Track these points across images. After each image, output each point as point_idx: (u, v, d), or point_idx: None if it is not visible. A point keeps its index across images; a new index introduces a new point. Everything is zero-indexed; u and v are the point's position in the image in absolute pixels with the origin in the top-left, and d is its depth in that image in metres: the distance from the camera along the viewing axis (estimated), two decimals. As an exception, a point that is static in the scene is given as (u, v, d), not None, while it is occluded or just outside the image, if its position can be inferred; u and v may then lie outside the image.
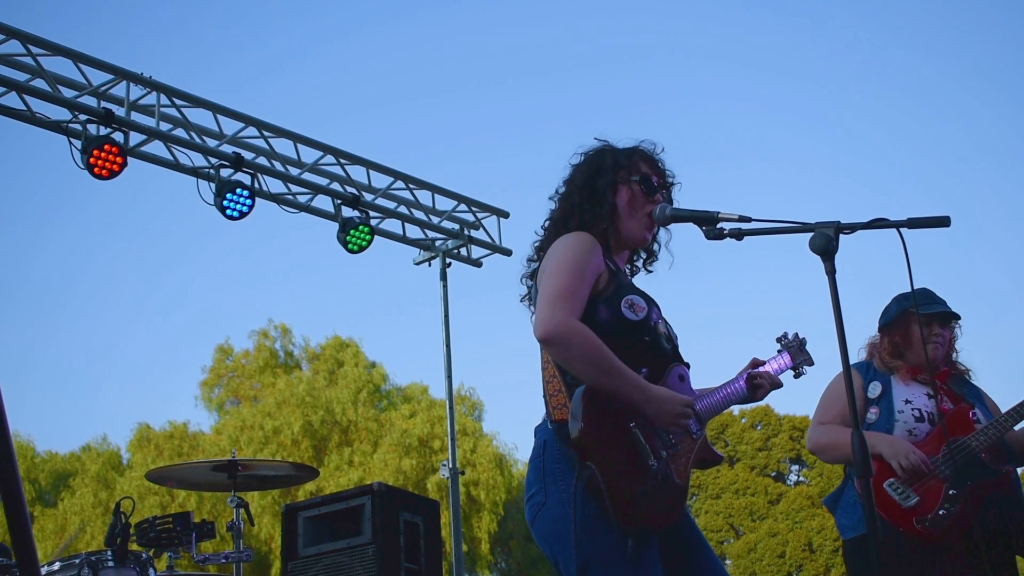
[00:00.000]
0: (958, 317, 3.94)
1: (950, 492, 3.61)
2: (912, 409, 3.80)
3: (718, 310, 44.27)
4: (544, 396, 2.71)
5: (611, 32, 41.90)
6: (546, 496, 2.57)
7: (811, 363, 3.03)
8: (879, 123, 43.17)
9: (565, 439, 2.52)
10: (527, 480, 2.69)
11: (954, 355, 4.02)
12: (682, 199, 2.95)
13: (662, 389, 2.61)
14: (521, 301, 2.95)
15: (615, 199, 2.83)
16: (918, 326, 3.85)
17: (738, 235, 2.60)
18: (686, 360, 2.81)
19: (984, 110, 43.38)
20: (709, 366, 2.94)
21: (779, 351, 3.03)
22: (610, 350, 2.54)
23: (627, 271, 2.95)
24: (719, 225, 2.63)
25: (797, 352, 3.02)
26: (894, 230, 2.50)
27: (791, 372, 3.00)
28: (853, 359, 3.94)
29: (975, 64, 43.35)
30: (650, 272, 3.02)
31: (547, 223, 2.94)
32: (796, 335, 3.06)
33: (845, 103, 43.21)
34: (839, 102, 43.63)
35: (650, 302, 2.76)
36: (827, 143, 43.87)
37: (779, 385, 2.92)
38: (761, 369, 2.92)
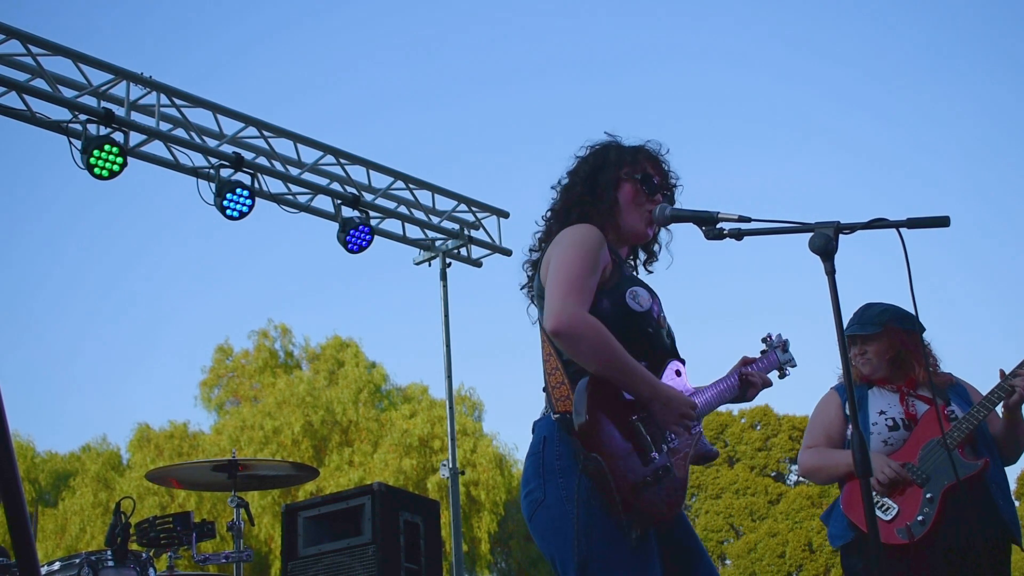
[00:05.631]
0: (861, 339, 3.93)
1: (927, 496, 3.63)
2: (886, 419, 3.83)
3: (716, 310, 44.28)
4: (545, 389, 2.70)
5: (611, 32, 41.96)
6: (545, 493, 2.55)
7: (794, 364, 3.11)
8: (879, 121, 43.17)
9: (569, 430, 2.50)
10: (524, 475, 2.67)
11: (937, 364, 4.00)
12: (681, 198, 2.97)
13: (670, 388, 2.63)
14: (521, 290, 2.96)
15: (616, 194, 2.84)
16: (849, 347, 3.89)
17: (738, 235, 2.60)
18: (682, 356, 2.81)
19: (986, 107, 43.38)
20: (705, 365, 2.95)
21: (764, 351, 3.10)
22: (620, 344, 2.55)
23: (630, 264, 2.97)
24: (719, 225, 2.62)
25: (782, 353, 3.10)
26: (894, 230, 2.50)
27: (776, 372, 3.07)
28: (834, 381, 4.09)
29: (976, 62, 43.38)
30: (650, 272, 3.02)
31: (548, 214, 2.94)
32: (779, 336, 3.13)
33: (846, 100, 43.23)
34: (840, 99, 43.65)
35: (653, 295, 2.77)
36: (828, 141, 43.86)
37: (769, 384, 2.97)
38: (750, 367, 2.97)
